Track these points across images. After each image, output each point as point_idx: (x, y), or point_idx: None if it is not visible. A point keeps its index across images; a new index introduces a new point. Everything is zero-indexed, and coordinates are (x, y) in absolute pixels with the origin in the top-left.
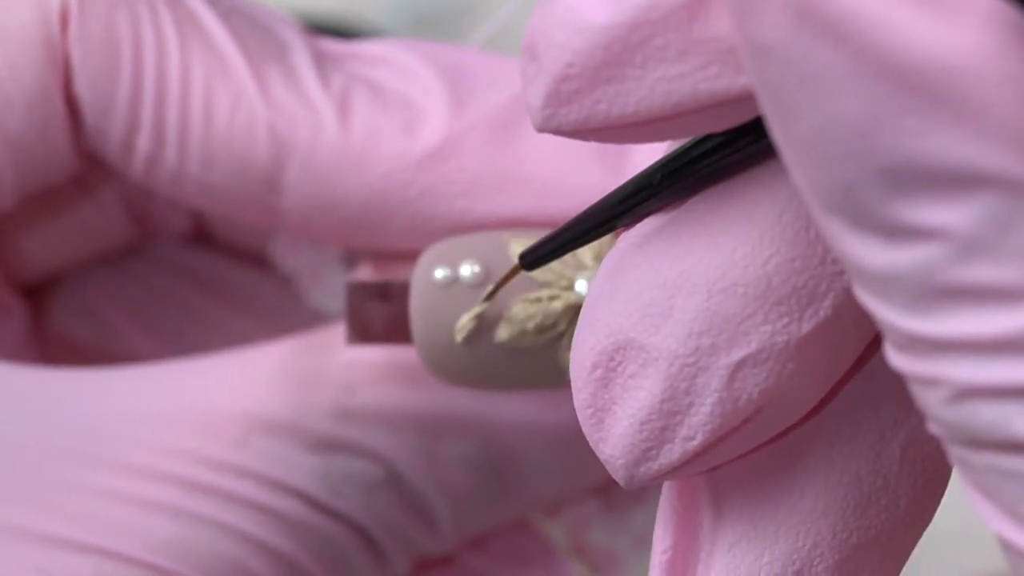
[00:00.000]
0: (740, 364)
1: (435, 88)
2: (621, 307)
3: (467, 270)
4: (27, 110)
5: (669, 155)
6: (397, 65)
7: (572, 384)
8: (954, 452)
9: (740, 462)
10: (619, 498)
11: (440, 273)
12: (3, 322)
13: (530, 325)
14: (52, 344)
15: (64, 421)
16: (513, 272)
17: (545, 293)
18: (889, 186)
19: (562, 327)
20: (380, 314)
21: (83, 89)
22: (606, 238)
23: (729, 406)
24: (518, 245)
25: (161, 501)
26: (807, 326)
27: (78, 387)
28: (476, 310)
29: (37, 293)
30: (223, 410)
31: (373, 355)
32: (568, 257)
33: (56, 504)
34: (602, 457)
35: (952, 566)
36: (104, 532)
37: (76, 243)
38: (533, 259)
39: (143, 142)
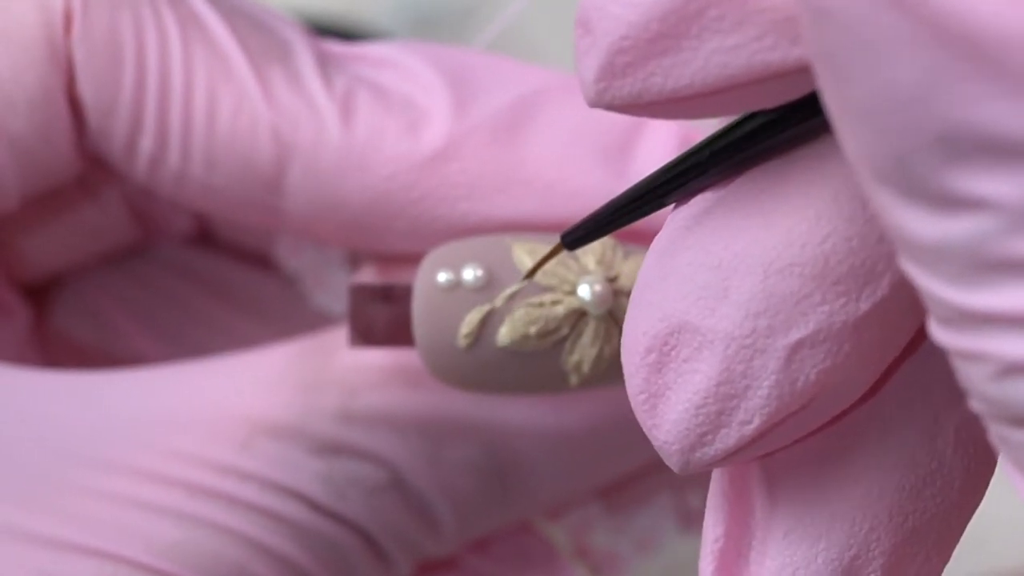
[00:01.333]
0: (798, 345)
1: (438, 90)
2: (674, 290)
3: (470, 274)
4: (30, 111)
5: (719, 131)
6: (400, 67)
7: (624, 370)
8: (995, 429)
9: (794, 447)
10: (621, 501)
11: (443, 277)
12: (6, 323)
13: (532, 329)
14: (54, 345)
15: (67, 424)
16: (555, 251)
17: (548, 297)
18: (943, 154)
19: (564, 331)
20: (383, 317)
21: (86, 90)
22: (608, 240)
23: (787, 388)
24: (521, 249)
25: (164, 504)
26: (865, 306)
27: (81, 389)
28: (510, 290)
29: (40, 294)
30: (226, 413)
31: (376, 358)
32: (571, 262)
33: (59, 506)
34: (656, 443)
35: (964, 566)
36: (107, 535)
37: (79, 244)
38: (576, 238)
39: (146, 143)
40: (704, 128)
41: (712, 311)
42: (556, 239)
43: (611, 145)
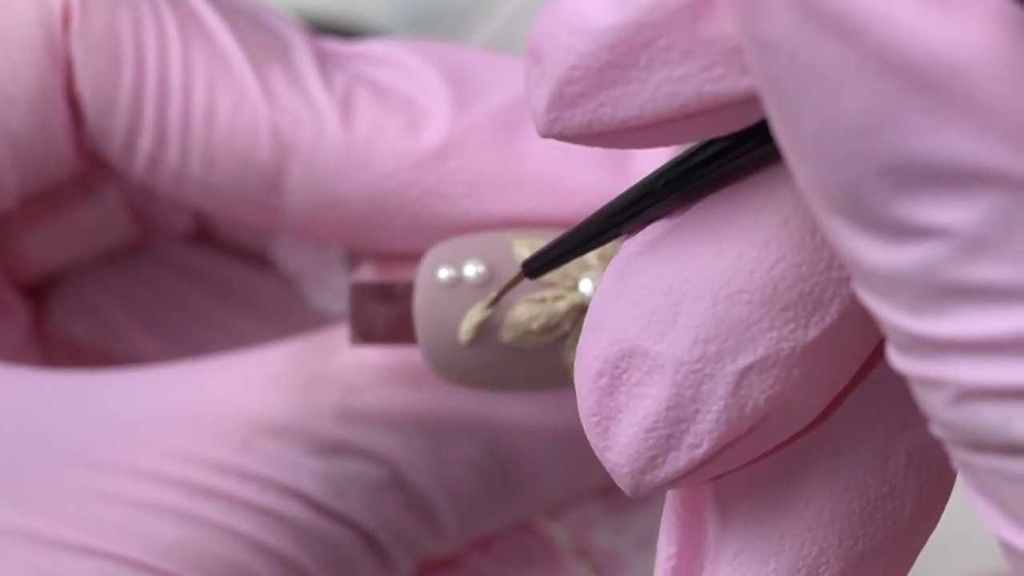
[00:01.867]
0: (746, 371)
1: (438, 88)
2: (626, 314)
3: (471, 270)
4: (28, 110)
5: (672, 161)
6: (400, 65)
7: (577, 392)
8: (956, 454)
9: (745, 470)
10: (622, 500)
11: (444, 273)
12: (5, 322)
13: (534, 326)
14: (54, 344)
15: (67, 424)
16: (516, 280)
17: (549, 293)
18: (893, 184)
19: (566, 327)
20: (383, 315)
21: (85, 89)
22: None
23: (735, 413)
24: (522, 245)
25: (164, 504)
26: (813, 332)
27: (81, 390)
28: (478, 316)
29: (38, 293)
30: (226, 413)
31: (377, 356)
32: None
33: (59, 507)
34: (607, 466)
35: (951, 568)
36: (107, 535)
37: (78, 242)
38: (537, 266)
39: (145, 142)
40: None
41: (662, 336)
42: (556, 235)
43: None
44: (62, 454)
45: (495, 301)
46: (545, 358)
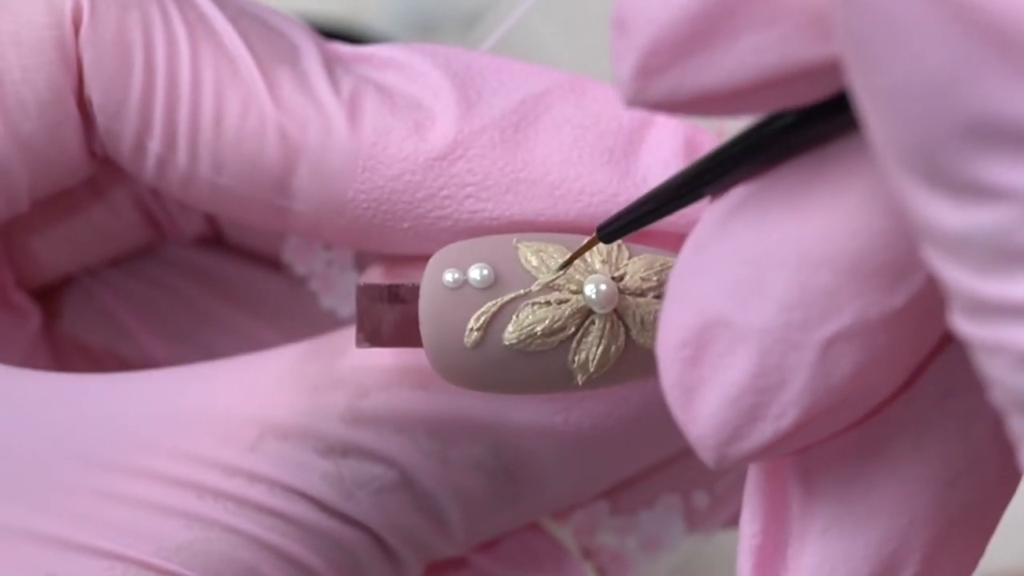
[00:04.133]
0: (832, 339)
1: (445, 90)
2: (708, 284)
3: (476, 273)
4: (40, 113)
5: (753, 125)
6: (407, 68)
7: (659, 363)
8: (1016, 420)
9: (829, 443)
10: (627, 501)
11: (449, 276)
12: (17, 324)
13: (539, 328)
14: (64, 346)
15: (77, 425)
16: (591, 243)
17: (554, 296)
18: (969, 143)
19: (571, 330)
20: (390, 317)
21: (95, 91)
22: (618, 242)
23: (822, 382)
24: (527, 249)
25: (174, 505)
26: (899, 300)
27: (90, 391)
28: (547, 278)
29: (50, 295)
30: (235, 415)
31: (385, 358)
32: (577, 261)
33: (69, 508)
34: (691, 438)
35: None
36: (116, 536)
37: (89, 246)
38: (611, 230)
39: (154, 144)
40: (711, 128)
41: (746, 305)
42: (562, 239)
43: (616, 145)
44: (71, 455)
45: (566, 265)
46: (550, 361)
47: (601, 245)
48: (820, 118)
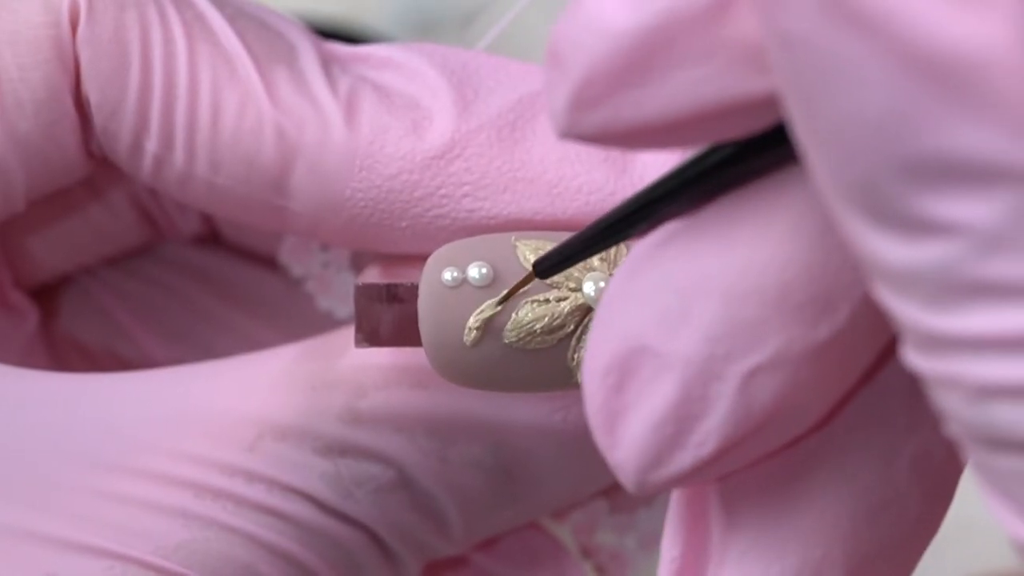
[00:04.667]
0: (755, 371)
1: (442, 90)
2: (636, 312)
3: (475, 271)
4: (37, 112)
5: (685, 162)
6: (404, 67)
7: (584, 388)
8: (973, 453)
9: (750, 471)
10: (626, 500)
11: (448, 275)
12: (15, 324)
13: (538, 326)
14: (62, 345)
15: (75, 425)
16: (526, 280)
17: (553, 294)
18: (912, 179)
19: (570, 328)
20: (389, 316)
21: (92, 91)
22: (615, 249)
23: (743, 412)
24: (526, 247)
25: (172, 505)
26: (823, 333)
27: (89, 391)
28: (485, 314)
29: (47, 294)
30: (234, 414)
31: (383, 358)
32: None
33: (67, 507)
34: (612, 463)
35: (950, 568)
36: (115, 536)
37: (87, 245)
38: (546, 267)
39: (151, 144)
40: None
41: (672, 334)
42: (560, 237)
43: None
44: (70, 455)
45: (503, 300)
46: (549, 359)
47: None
48: (757, 151)
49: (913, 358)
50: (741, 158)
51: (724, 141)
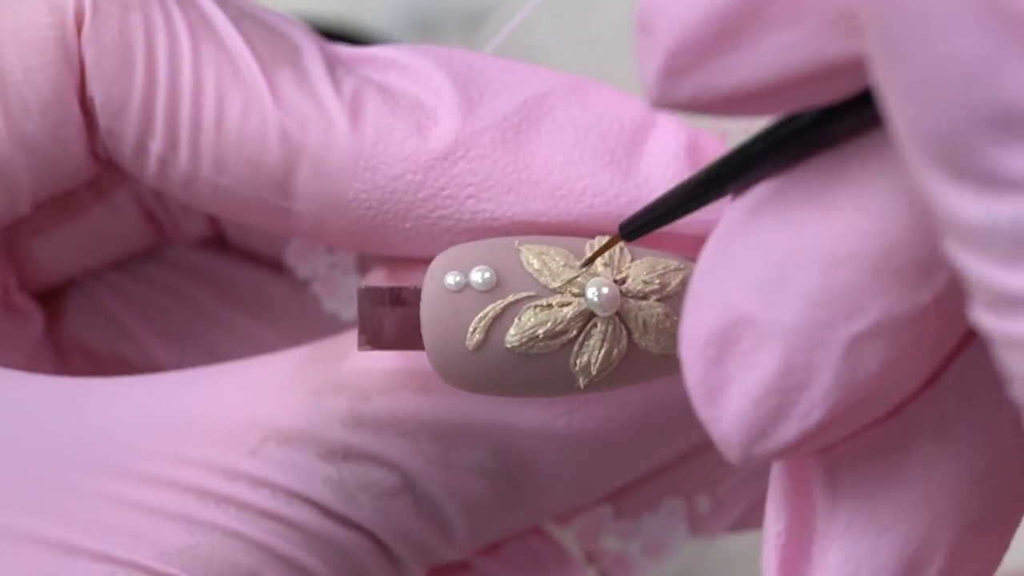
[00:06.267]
0: (859, 337)
1: (447, 91)
2: (732, 283)
3: (478, 276)
4: (43, 113)
5: (776, 122)
6: (409, 69)
7: (683, 362)
8: None
9: (853, 440)
10: (630, 505)
11: (451, 279)
12: (20, 326)
13: (540, 331)
14: (67, 348)
15: (78, 429)
16: (611, 243)
17: (556, 299)
18: (992, 133)
19: (572, 333)
20: (392, 319)
21: (97, 91)
22: (620, 245)
23: (848, 380)
24: (529, 251)
25: (175, 510)
26: (924, 297)
27: (92, 395)
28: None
29: (53, 297)
30: (237, 419)
31: (386, 362)
32: (578, 263)
33: (69, 511)
34: (715, 436)
35: None
36: (117, 540)
37: (92, 248)
38: (634, 228)
39: (156, 145)
40: (715, 130)
41: (771, 304)
42: (564, 242)
43: (619, 146)
44: (73, 459)
45: (588, 262)
46: (551, 364)
47: (602, 241)
48: (844, 115)
49: (981, 317)
50: (829, 120)
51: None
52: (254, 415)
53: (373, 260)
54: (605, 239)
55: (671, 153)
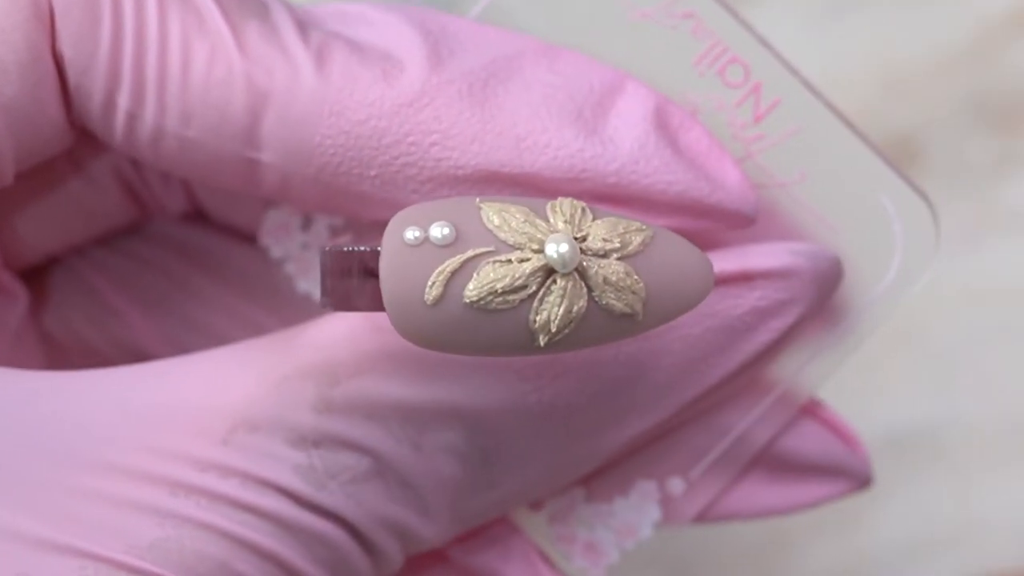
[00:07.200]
0: None
1: (416, 44)
2: None
3: (437, 231)
4: (21, 74)
5: None
6: (378, 23)
7: None
8: None
9: None
10: (601, 488)
11: (410, 234)
12: (5, 306)
13: (499, 286)
14: (51, 324)
15: (46, 422)
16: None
17: (515, 255)
18: None
19: (532, 288)
20: (354, 281)
21: (66, 46)
22: (577, 202)
23: None
24: (490, 208)
25: (145, 502)
26: None
27: (60, 388)
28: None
29: (36, 274)
30: (206, 408)
31: (355, 346)
32: (539, 221)
33: (39, 505)
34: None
35: (949, 568)
36: (87, 534)
37: (73, 224)
38: None
39: (123, 99)
40: (685, 105)
41: None
42: (525, 202)
43: (586, 106)
44: (41, 452)
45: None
46: (510, 321)
47: (564, 205)
48: None
49: None
50: None
51: None
52: (223, 404)
53: (341, 229)
54: (567, 200)
55: (639, 115)
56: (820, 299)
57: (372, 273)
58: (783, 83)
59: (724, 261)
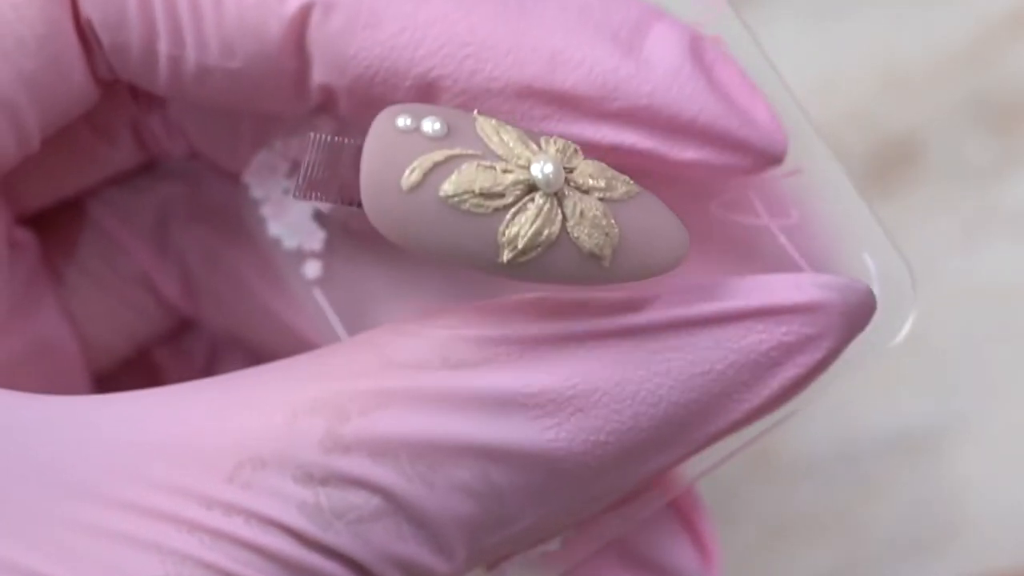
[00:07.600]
0: None
1: None
2: None
3: (429, 125)
4: (40, 47)
5: None
6: None
7: None
8: None
9: None
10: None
11: (402, 121)
12: (16, 258)
13: (476, 187)
14: (60, 263)
15: (53, 452)
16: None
17: (501, 165)
18: None
19: (508, 200)
20: (336, 167)
21: (93, 10)
22: (570, 143)
23: None
24: (485, 121)
25: (146, 538)
26: None
27: (67, 417)
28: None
29: (47, 217)
30: (212, 443)
31: (367, 382)
32: (531, 142)
33: (36, 538)
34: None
35: (948, 567)
36: (88, 570)
37: (86, 172)
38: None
39: (163, 45)
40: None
41: None
42: (523, 134)
43: (623, 28)
44: (45, 484)
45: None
46: (481, 227)
47: (559, 141)
48: None
49: None
50: None
51: None
52: (230, 439)
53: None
54: (563, 140)
55: (675, 42)
56: (851, 332)
57: (352, 155)
58: (789, 117)
59: (749, 295)
